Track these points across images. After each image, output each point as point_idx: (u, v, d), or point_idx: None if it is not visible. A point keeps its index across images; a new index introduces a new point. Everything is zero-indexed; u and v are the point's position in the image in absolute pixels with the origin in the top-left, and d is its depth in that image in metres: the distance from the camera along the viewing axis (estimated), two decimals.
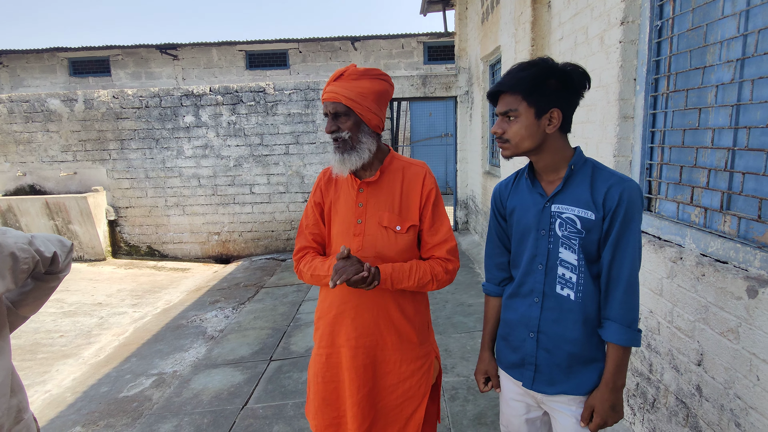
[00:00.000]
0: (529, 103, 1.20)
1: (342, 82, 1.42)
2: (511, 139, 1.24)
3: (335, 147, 1.47)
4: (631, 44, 2.19)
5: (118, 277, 6.59)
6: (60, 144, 7.24)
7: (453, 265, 1.51)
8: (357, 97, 1.41)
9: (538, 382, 1.32)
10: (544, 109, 1.21)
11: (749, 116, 1.58)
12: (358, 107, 1.42)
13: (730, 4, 1.64)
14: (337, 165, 1.48)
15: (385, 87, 1.47)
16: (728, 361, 1.54)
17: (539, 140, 1.24)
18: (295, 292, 5.32)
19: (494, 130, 1.28)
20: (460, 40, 7.06)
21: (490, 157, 5.97)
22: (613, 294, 1.22)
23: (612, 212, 1.20)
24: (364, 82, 1.42)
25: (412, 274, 1.43)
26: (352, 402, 1.45)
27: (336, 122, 1.44)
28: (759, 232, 1.54)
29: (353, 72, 1.43)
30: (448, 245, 1.51)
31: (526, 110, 1.21)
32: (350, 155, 1.45)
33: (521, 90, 1.20)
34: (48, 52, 11.92)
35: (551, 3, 3.17)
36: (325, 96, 1.45)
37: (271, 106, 7.12)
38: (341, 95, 1.41)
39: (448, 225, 1.53)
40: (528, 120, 1.21)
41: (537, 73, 1.19)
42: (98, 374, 3.63)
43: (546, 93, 1.20)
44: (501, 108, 1.25)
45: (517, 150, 1.26)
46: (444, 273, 1.46)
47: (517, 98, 1.21)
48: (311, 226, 1.58)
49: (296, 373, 3.35)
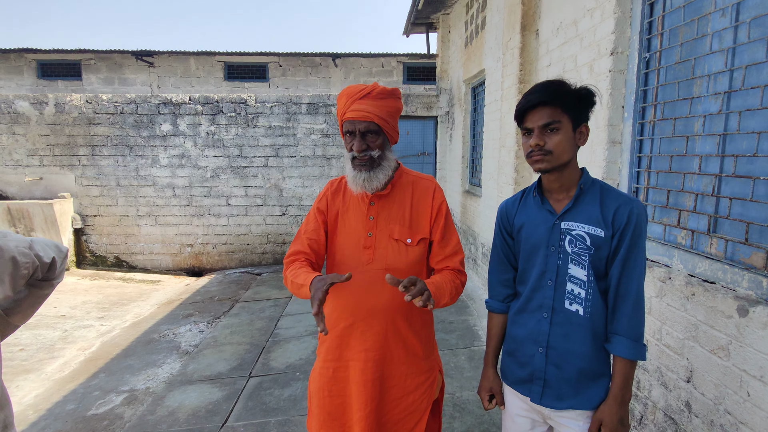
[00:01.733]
0: (569, 115, 1.25)
1: (370, 100, 1.42)
2: (554, 150, 1.25)
3: (360, 165, 1.45)
4: (620, 73, 2.30)
5: (82, 288, 6.29)
6: (26, 148, 6.93)
7: (465, 276, 1.54)
8: (387, 116, 1.44)
9: (546, 397, 1.33)
10: (578, 124, 1.27)
11: (736, 145, 1.68)
12: (386, 126, 1.44)
13: (718, 40, 1.76)
14: (361, 182, 1.46)
15: (401, 105, 1.52)
16: (718, 378, 1.60)
17: (573, 154, 1.28)
18: (273, 307, 5.21)
19: (536, 141, 1.25)
20: (442, 61, 7.23)
21: (470, 176, 6.08)
22: (621, 309, 1.26)
23: (621, 230, 1.25)
24: (390, 101, 1.45)
25: (447, 289, 1.40)
26: (359, 416, 1.43)
27: (365, 140, 1.44)
28: (746, 255, 1.62)
29: (382, 91, 1.44)
30: (459, 256, 1.53)
31: (567, 123, 1.25)
32: (377, 173, 1.46)
33: (562, 103, 1.23)
34: (15, 52, 11.46)
35: (539, 31, 3.30)
36: (353, 114, 1.42)
37: (252, 118, 7.06)
38: (373, 114, 1.41)
39: (457, 237, 1.56)
40: (568, 133, 1.25)
41: (574, 89, 1.24)
42: (63, 391, 3.42)
43: (580, 108, 1.26)
44: (542, 120, 1.24)
45: (558, 162, 1.26)
46: (461, 285, 1.48)
47: (558, 111, 1.24)
48: (310, 232, 1.55)
49: (277, 389, 3.26)
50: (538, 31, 3.34)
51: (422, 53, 11.92)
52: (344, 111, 1.44)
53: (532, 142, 1.27)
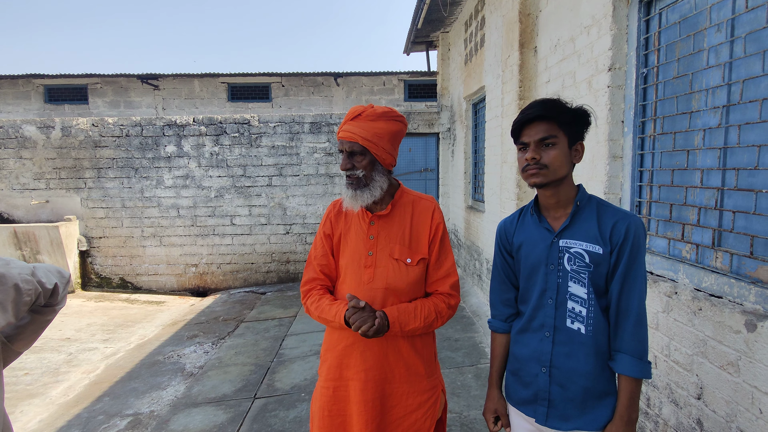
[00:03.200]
0: (565, 131, 1.25)
1: (359, 122, 1.45)
2: (550, 165, 1.25)
3: (348, 183, 1.49)
4: (618, 89, 2.31)
5: (87, 310, 6.29)
6: (33, 171, 7.02)
7: (455, 300, 1.53)
8: (373, 137, 1.45)
9: (552, 418, 1.31)
10: (574, 141, 1.27)
11: (737, 158, 1.68)
12: (373, 147, 1.45)
13: (714, 55, 1.77)
14: (348, 200, 1.50)
15: (400, 127, 1.52)
16: (729, 395, 1.57)
17: (568, 170, 1.28)
18: (277, 327, 5.18)
19: (532, 155, 1.25)
20: (442, 79, 7.30)
21: (473, 192, 6.09)
22: (623, 326, 1.24)
23: (619, 246, 1.25)
24: (380, 123, 1.46)
25: (417, 314, 1.43)
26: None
27: (351, 160, 1.47)
28: (751, 268, 1.61)
29: (371, 114, 1.46)
30: (450, 280, 1.52)
31: (563, 138, 1.26)
32: (363, 192, 1.48)
33: (558, 119, 1.24)
34: (23, 78, 11.71)
35: (538, 48, 3.34)
36: (341, 134, 1.47)
37: (255, 138, 7.13)
38: (358, 135, 1.44)
39: (452, 260, 1.55)
40: (564, 149, 1.26)
41: (570, 107, 1.26)
42: (68, 415, 3.40)
43: (576, 126, 1.27)
44: (538, 134, 1.25)
45: (554, 176, 1.26)
46: (447, 308, 1.48)
47: (554, 126, 1.24)
48: (320, 257, 1.58)
49: (282, 411, 3.22)
50: (536, 48, 3.38)
51: (423, 71, 12.05)
52: (339, 131, 1.50)
53: (528, 156, 1.27)
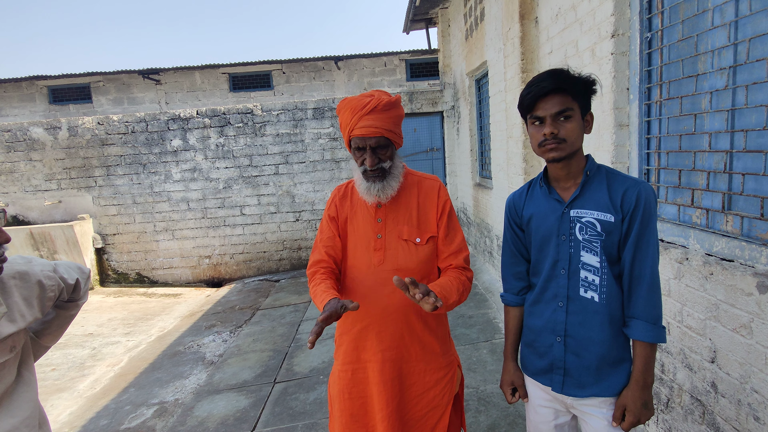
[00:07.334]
0: (579, 103, 1.25)
1: (377, 114, 1.43)
2: (568, 138, 1.24)
3: (373, 176, 1.47)
4: (622, 56, 2.28)
5: (107, 305, 6.44)
6: (44, 173, 7.11)
7: (471, 273, 1.54)
8: (394, 127, 1.46)
9: (568, 386, 1.33)
10: (585, 112, 1.27)
11: (745, 120, 1.66)
12: (394, 136, 1.47)
13: (719, 15, 1.73)
14: (376, 192, 1.48)
15: (403, 111, 1.53)
16: (743, 357, 1.58)
17: (582, 142, 1.28)
18: (293, 313, 5.26)
19: (551, 130, 1.23)
20: (444, 56, 7.21)
21: (480, 169, 6.06)
22: (637, 292, 1.26)
23: (630, 213, 1.25)
24: (393, 111, 1.46)
25: (455, 288, 1.40)
26: (382, 416, 1.45)
27: (376, 155, 1.46)
28: (762, 230, 1.60)
29: (387, 103, 1.44)
30: (464, 254, 1.54)
31: (577, 110, 1.25)
32: (390, 181, 1.49)
33: (572, 91, 1.23)
34: (27, 80, 11.76)
35: (538, 18, 3.28)
36: (362, 131, 1.42)
37: (260, 127, 7.13)
38: (383, 129, 1.42)
39: (462, 234, 1.57)
40: (579, 121, 1.26)
41: (581, 77, 1.24)
42: (96, 407, 3.52)
43: (587, 96, 1.26)
44: (555, 108, 1.22)
45: (572, 149, 1.25)
46: (467, 281, 1.48)
47: (568, 98, 1.23)
48: (326, 240, 1.58)
49: (302, 394, 3.30)
50: (537, 18, 3.32)
51: (424, 49, 11.88)
52: (351, 127, 1.44)
53: (546, 131, 1.24)
